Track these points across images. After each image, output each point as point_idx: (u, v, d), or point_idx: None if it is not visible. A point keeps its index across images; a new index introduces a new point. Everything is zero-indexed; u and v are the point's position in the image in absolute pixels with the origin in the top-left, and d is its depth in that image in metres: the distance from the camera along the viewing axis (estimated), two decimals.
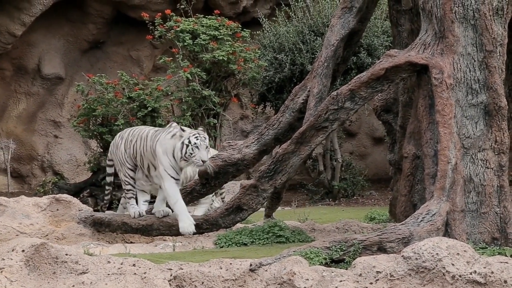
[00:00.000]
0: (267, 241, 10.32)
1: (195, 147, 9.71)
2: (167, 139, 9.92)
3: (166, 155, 9.90)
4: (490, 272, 6.67)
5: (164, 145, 9.90)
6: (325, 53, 10.89)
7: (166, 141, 9.91)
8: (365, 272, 7.03)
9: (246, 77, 18.17)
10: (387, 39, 18.12)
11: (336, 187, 18.47)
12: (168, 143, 9.90)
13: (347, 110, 9.75)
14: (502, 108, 9.15)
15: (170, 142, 9.88)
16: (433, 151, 9.07)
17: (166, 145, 9.90)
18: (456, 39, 9.20)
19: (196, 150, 9.69)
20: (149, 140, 10.13)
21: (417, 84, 9.53)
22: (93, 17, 21.20)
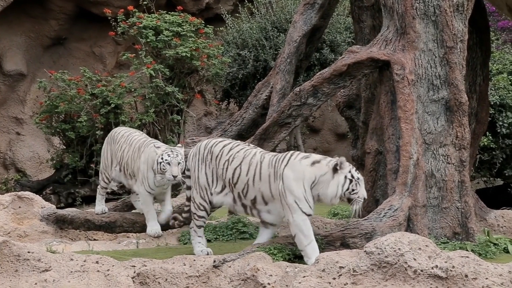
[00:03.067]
0: (230, 238, 10.32)
1: (166, 163, 9.69)
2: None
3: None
4: (451, 266, 6.72)
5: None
6: (287, 49, 10.92)
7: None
8: (328, 267, 7.05)
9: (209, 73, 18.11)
10: (350, 35, 18.16)
11: None
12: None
13: (310, 106, 9.78)
14: (463, 104, 9.23)
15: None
16: (395, 147, 9.13)
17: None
18: (417, 35, 9.27)
19: (168, 166, 9.69)
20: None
21: (379, 80, 9.58)
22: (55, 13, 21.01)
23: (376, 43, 9.49)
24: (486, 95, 11.15)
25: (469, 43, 9.65)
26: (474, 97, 10.62)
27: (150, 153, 9.94)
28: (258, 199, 8.42)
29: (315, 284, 6.96)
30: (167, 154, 9.74)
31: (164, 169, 9.72)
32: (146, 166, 9.99)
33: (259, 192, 8.38)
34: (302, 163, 8.21)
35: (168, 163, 9.69)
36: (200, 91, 19.12)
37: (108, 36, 19.18)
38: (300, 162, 8.22)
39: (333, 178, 8.14)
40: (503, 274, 6.66)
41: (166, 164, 9.70)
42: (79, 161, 17.11)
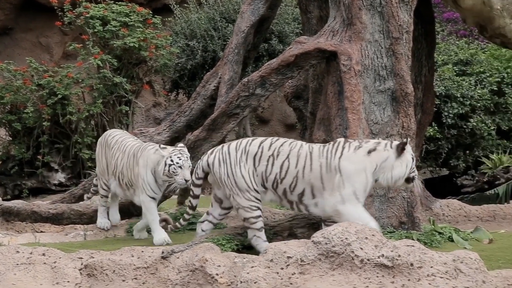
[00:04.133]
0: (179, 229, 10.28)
1: (178, 166, 9.11)
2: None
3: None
4: (397, 255, 6.79)
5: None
6: (235, 40, 10.92)
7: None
8: (276, 257, 7.07)
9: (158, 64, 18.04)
10: (298, 26, 18.22)
11: None
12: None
13: (258, 96, 9.79)
14: (408, 95, 9.31)
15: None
16: (343, 137, 9.16)
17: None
18: (363, 26, 9.32)
19: (179, 170, 9.12)
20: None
21: (326, 70, 9.62)
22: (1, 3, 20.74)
23: (323, 34, 9.53)
24: (432, 85, 11.27)
25: (415, 34, 9.72)
26: (420, 88, 10.73)
27: (150, 156, 9.33)
28: (306, 192, 8.16)
29: (263, 274, 6.97)
30: (178, 157, 9.10)
31: (175, 172, 9.10)
32: (145, 170, 9.35)
33: (308, 184, 8.14)
34: (358, 154, 8.08)
35: (180, 166, 9.08)
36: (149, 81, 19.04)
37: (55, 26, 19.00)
38: (356, 153, 8.09)
39: (398, 159, 8.09)
40: (447, 263, 6.74)
41: (178, 167, 9.09)
42: (26, 152, 16.95)
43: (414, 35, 9.65)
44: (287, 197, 8.25)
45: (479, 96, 16.01)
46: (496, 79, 16.32)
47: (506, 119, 16.29)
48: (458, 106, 15.83)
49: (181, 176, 9.08)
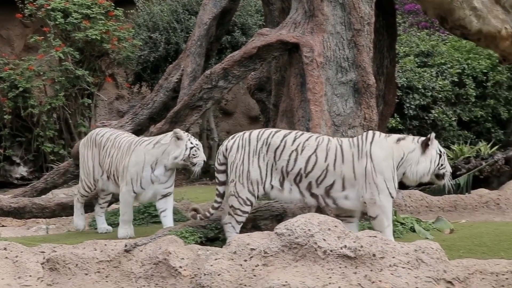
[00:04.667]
0: (142, 222, 10.27)
1: (197, 148, 9.17)
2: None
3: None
4: (360, 246, 6.81)
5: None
6: (198, 32, 10.90)
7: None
8: (240, 249, 7.07)
9: (120, 56, 17.96)
10: (261, 18, 18.24)
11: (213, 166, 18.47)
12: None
13: (221, 89, 9.78)
14: (370, 86, 9.35)
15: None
16: (305, 129, 9.19)
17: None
18: (325, 18, 9.34)
19: (198, 151, 9.20)
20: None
21: (289, 62, 9.63)
22: None
23: (285, 26, 9.54)
24: (393, 77, 11.34)
25: (376, 26, 9.77)
26: (382, 79, 10.79)
27: (149, 151, 9.20)
28: (336, 184, 8.03)
29: (227, 266, 6.97)
30: (194, 139, 9.22)
31: (195, 154, 9.15)
32: (141, 166, 9.18)
33: (340, 176, 8.00)
34: (388, 141, 8.02)
35: (198, 148, 9.19)
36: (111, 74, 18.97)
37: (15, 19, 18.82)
38: (386, 140, 8.03)
39: (423, 154, 7.99)
40: (409, 253, 6.78)
41: (197, 149, 9.18)
42: None
43: (375, 27, 9.69)
44: (312, 190, 8.09)
45: (440, 87, 16.16)
46: (457, 70, 16.48)
47: (466, 110, 16.46)
48: (419, 98, 15.96)
49: (201, 157, 9.20)
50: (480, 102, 16.57)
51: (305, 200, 8.18)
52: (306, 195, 8.13)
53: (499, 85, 16.68)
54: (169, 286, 7.17)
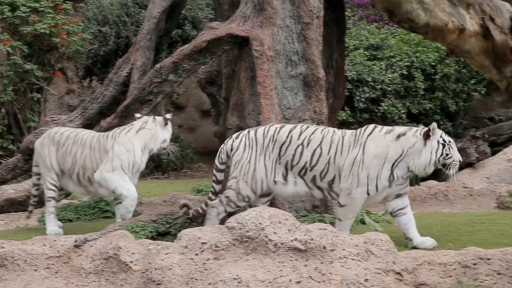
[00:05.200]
0: (93, 217, 10.21)
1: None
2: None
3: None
4: (310, 239, 6.86)
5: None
6: (147, 25, 10.85)
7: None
8: (191, 243, 7.07)
9: (70, 50, 17.81)
10: (211, 12, 18.22)
11: (165, 160, 18.46)
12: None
13: (171, 82, 9.75)
14: (320, 79, 9.39)
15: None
16: (256, 122, 9.21)
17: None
18: (274, 11, 9.36)
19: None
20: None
21: (239, 56, 9.63)
22: None
23: (235, 19, 9.53)
24: (343, 70, 11.38)
25: (325, 19, 9.80)
26: (331, 73, 10.81)
27: (132, 137, 9.15)
28: (336, 179, 8.00)
29: (178, 260, 6.97)
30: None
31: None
32: (132, 152, 9.09)
33: (337, 169, 7.99)
34: (386, 138, 7.94)
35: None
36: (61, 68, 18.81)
37: None
38: (385, 137, 7.96)
39: (425, 145, 7.92)
40: (359, 245, 6.85)
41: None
42: None
43: (324, 20, 9.73)
44: (317, 183, 8.08)
45: (390, 80, 16.29)
46: (406, 63, 16.62)
47: (416, 103, 16.61)
48: (369, 91, 16.07)
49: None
50: (428, 95, 16.74)
51: (312, 192, 8.16)
52: (313, 187, 8.12)
53: (447, 77, 16.87)
54: (120, 281, 7.15)
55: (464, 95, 17.13)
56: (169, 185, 15.75)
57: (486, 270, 6.63)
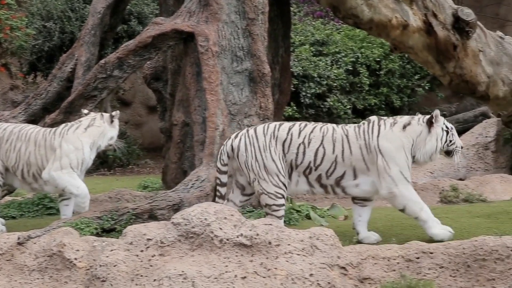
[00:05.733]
0: (37, 214, 10.10)
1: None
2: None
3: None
4: (256, 234, 6.87)
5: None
6: (91, 21, 10.77)
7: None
8: (136, 240, 7.04)
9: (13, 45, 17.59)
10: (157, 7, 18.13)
11: (111, 157, 18.36)
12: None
13: (116, 78, 9.71)
14: (265, 75, 9.42)
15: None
16: (202, 118, 9.21)
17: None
18: (219, 6, 9.36)
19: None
20: None
21: (184, 51, 9.63)
22: None
23: (180, 15, 9.52)
24: (288, 66, 11.43)
25: (271, 15, 9.83)
26: (277, 68, 10.86)
27: (81, 135, 9.01)
28: (347, 174, 7.91)
29: (123, 257, 6.94)
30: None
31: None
32: (81, 150, 8.95)
33: (350, 166, 7.89)
34: (395, 131, 7.90)
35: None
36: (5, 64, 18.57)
37: None
38: (392, 130, 7.91)
39: (429, 133, 7.93)
40: (304, 240, 6.88)
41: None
42: None
43: (270, 16, 9.76)
44: (321, 181, 7.97)
45: (335, 76, 16.40)
46: (351, 59, 16.75)
47: (361, 98, 16.76)
48: (315, 86, 16.16)
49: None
50: (373, 90, 16.90)
51: (313, 190, 8.07)
52: (316, 186, 8.01)
53: (392, 73, 17.04)
54: (64, 279, 7.09)
55: (409, 91, 17.34)
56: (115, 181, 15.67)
57: (428, 264, 6.72)
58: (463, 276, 6.61)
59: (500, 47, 11.78)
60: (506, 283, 6.46)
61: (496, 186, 11.60)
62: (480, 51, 11.29)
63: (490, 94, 11.70)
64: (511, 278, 6.47)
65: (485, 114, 15.56)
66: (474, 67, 11.22)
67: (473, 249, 6.62)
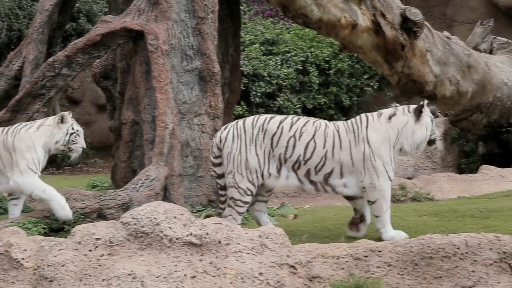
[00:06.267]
0: None
1: (77, 134, 8.75)
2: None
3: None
4: (205, 233, 6.86)
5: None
6: (39, 18, 10.67)
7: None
8: (85, 239, 6.98)
9: None
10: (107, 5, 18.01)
11: (60, 156, 18.17)
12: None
13: (65, 76, 9.64)
14: (215, 74, 9.43)
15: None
16: (151, 117, 9.19)
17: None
18: (169, 5, 9.34)
19: (78, 138, 8.79)
20: None
21: (134, 50, 9.60)
22: None
23: (129, 13, 9.48)
24: (238, 65, 11.45)
25: (220, 14, 9.84)
26: (227, 67, 10.86)
27: (34, 134, 8.73)
28: (334, 172, 7.92)
29: (71, 257, 6.88)
30: (77, 125, 8.87)
31: (75, 141, 8.78)
32: (33, 149, 8.73)
33: (338, 163, 7.90)
34: (382, 122, 7.92)
35: (79, 134, 8.83)
36: None
37: None
38: (380, 121, 7.93)
39: (418, 122, 7.99)
40: (253, 239, 6.88)
41: (77, 135, 8.81)
42: None
43: (220, 14, 9.77)
44: (310, 177, 7.97)
45: (285, 75, 16.45)
46: (300, 58, 16.81)
47: (310, 98, 16.83)
48: (265, 85, 16.19)
49: (80, 144, 8.81)
50: (323, 90, 16.99)
51: (303, 187, 8.06)
52: (305, 182, 8.00)
53: (341, 72, 17.15)
54: (11, 279, 7.00)
55: (358, 90, 17.47)
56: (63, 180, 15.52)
57: (377, 262, 6.76)
58: (410, 274, 6.67)
59: (447, 47, 11.94)
60: (453, 281, 6.54)
61: (443, 184, 11.75)
62: (428, 51, 11.42)
63: (438, 94, 11.85)
64: (457, 275, 6.55)
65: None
66: (422, 66, 11.35)
67: (421, 247, 6.68)
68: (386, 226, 7.90)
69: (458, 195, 11.28)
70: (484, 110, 12.87)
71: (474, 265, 6.57)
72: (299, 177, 8.00)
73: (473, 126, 13.28)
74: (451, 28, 19.03)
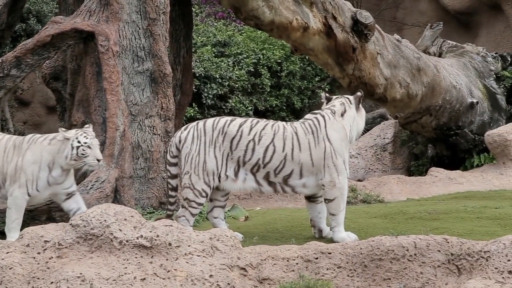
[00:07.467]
0: None
1: (86, 146, 8.06)
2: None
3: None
4: (156, 235, 6.84)
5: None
6: None
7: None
8: (33, 242, 6.92)
9: None
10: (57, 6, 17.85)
11: None
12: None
13: (14, 77, 9.53)
14: (167, 76, 9.41)
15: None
16: (102, 119, 9.14)
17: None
18: (120, 6, 9.30)
19: (89, 150, 8.07)
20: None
21: (84, 51, 9.53)
22: None
23: (80, 14, 9.41)
24: (190, 66, 11.44)
25: (172, 15, 9.84)
26: (179, 69, 10.86)
27: (45, 148, 8.20)
28: (294, 173, 7.95)
29: (19, 260, 6.81)
30: (84, 137, 8.09)
31: (84, 153, 8.06)
32: (37, 165, 8.18)
33: (298, 164, 7.92)
34: (338, 120, 8.02)
35: (89, 146, 8.07)
36: None
37: None
38: (336, 119, 8.02)
39: (359, 112, 8.17)
40: (204, 241, 6.88)
41: (87, 147, 8.05)
42: None
43: (171, 16, 9.76)
44: (270, 179, 7.99)
45: (237, 77, 16.46)
46: (252, 60, 16.84)
47: (262, 100, 16.86)
48: (217, 87, 16.18)
49: (92, 156, 8.14)
50: (275, 92, 17.04)
51: (261, 189, 8.07)
52: (264, 184, 8.03)
53: (293, 75, 17.21)
54: None
55: (309, 92, 17.55)
56: None
57: (327, 264, 6.80)
58: (360, 275, 6.72)
59: (397, 50, 12.05)
60: (401, 282, 6.60)
61: (393, 187, 11.85)
62: (378, 54, 11.52)
63: (388, 96, 11.96)
64: (406, 277, 6.61)
65: (383, 116, 15.85)
66: (372, 69, 11.45)
67: (370, 249, 6.73)
68: (339, 226, 7.97)
69: (408, 197, 11.39)
70: (433, 112, 13.00)
71: (423, 266, 6.63)
72: (257, 180, 8.05)
73: (423, 128, 13.42)
74: (401, 31, 19.21)
